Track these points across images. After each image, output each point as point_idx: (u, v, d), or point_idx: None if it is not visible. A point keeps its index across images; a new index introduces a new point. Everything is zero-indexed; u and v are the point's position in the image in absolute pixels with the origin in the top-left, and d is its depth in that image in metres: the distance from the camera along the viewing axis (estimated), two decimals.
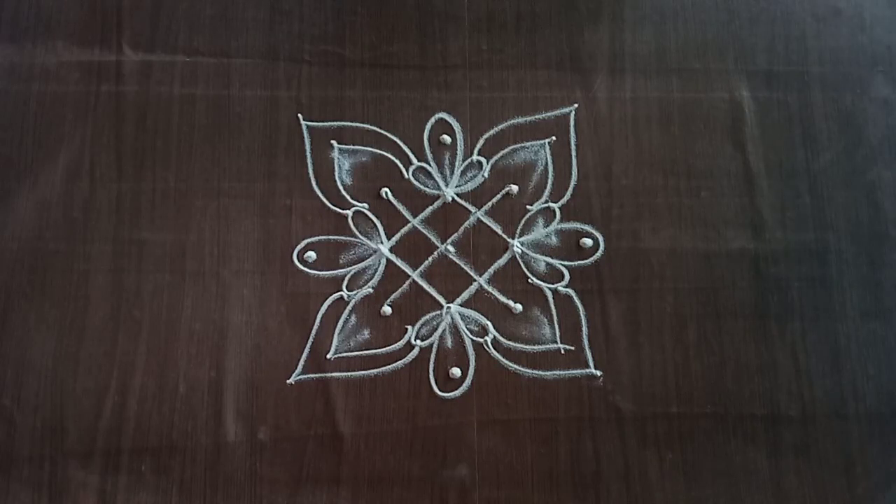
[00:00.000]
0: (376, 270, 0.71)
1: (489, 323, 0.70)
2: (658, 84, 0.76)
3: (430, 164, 0.74)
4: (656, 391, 0.68)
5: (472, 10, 0.77)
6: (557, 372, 0.69)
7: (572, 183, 0.73)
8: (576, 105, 0.75)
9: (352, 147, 0.74)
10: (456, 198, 0.73)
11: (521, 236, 0.72)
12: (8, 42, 0.75)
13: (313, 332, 0.69)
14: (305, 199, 0.72)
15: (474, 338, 0.69)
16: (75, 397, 0.67)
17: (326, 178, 0.73)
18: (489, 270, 0.71)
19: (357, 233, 0.72)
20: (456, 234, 0.72)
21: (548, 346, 0.69)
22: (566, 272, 0.71)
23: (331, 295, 0.70)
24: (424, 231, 0.72)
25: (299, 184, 0.72)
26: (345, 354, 0.69)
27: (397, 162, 0.73)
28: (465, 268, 0.71)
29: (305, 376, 0.68)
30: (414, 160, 0.74)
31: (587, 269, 0.71)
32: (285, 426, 0.67)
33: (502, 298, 0.71)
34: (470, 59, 0.76)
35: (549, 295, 0.71)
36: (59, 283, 0.69)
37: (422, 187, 0.73)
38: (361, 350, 0.69)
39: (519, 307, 0.70)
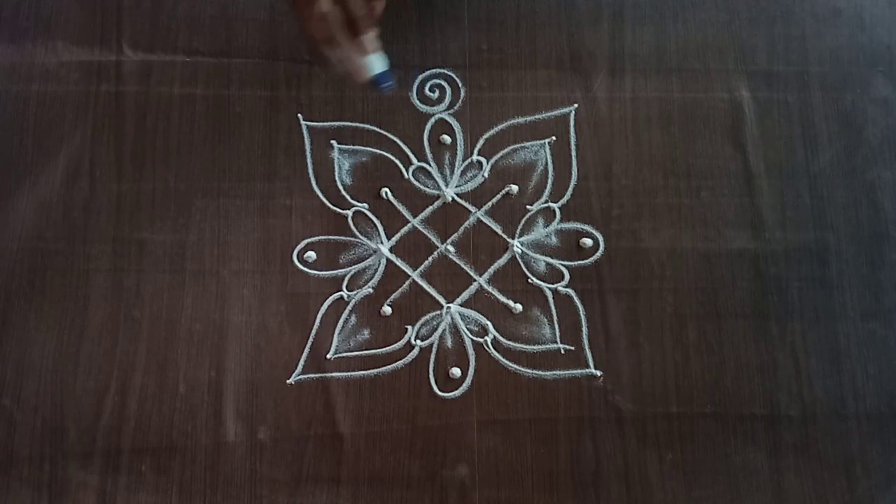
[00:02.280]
0: (376, 270, 0.71)
1: (489, 323, 0.70)
2: (658, 84, 0.76)
3: (430, 164, 0.74)
4: (656, 391, 0.68)
5: (472, 10, 0.77)
6: (557, 372, 0.69)
7: (572, 183, 0.73)
8: (576, 105, 0.75)
9: (352, 147, 0.74)
10: (456, 198, 0.73)
11: (521, 236, 0.72)
12: (8, 42, 0.75)
13: (313, 332, 0.69)
14: (305, 199, 0.72)
15: (474, 338, 0.69)
16: (75, 397, 0.67)
17: (326, 178, 0.73)
18: (489, 270, 0.71)
19: (357, 233, 0.72)
20: (456, 234, 0.72)
21: (548, 346, 0.69)
22: (566, 272, 0.71)
23: (331, 295, 0.70)
24: (424, 231, 0.72)
25: (299, 184, 0.72)
26: (345, 354, 0.69)
27: (397, 162, 0.73)
28: (465, 268, 0.71)
29: (305, 376, 0.68)
30: (414, 160, 0.74)
31: (587, 269, 0.71)
32: (285, 426, 0.67)
33: (502, 298, 0.71)
34: (470, 59, 0.76)
35: (549, 295, 0.71)
36: (59, 283, 0.69)
37: (422, 187, 0.73)
38: (361, 350, 0.69)
39: (519, 307, 0.70)
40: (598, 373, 0.69)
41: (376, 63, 0.61)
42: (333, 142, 0.73)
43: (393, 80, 0.62)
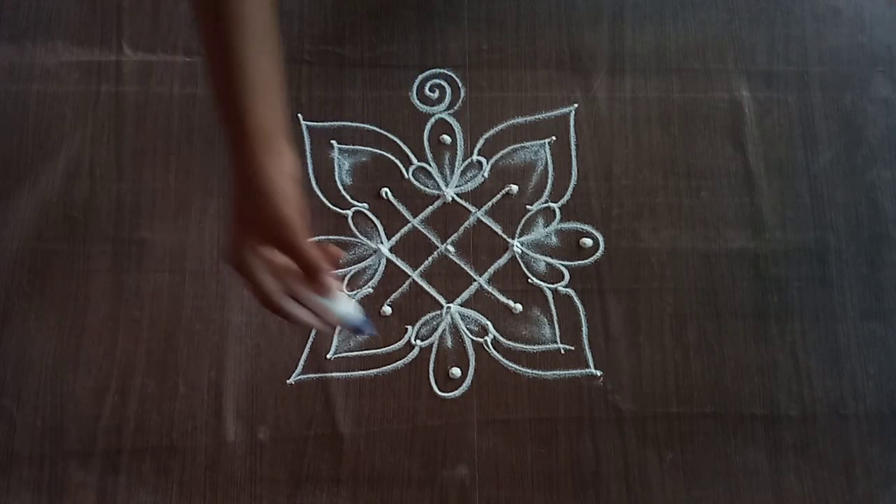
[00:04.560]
0: (376, 270, 0.71)
1: (489, 323, 0.70)
2: (658, 84, 0.76)
3: (430, 164, 0.74)
4: (656, 391, 0.68)
5: (472, 10, 0.77)
6: (557, 372, 0.69)
7: (572, 183, 0.73)
8: (576, 105, 0.75)
9: (352, 147, 0.74)
10: (456, 198, 0.73)
11: (521, 236, 0.72)
12: (8, 42, 0.75)
13: (313, 332, 0.69)
14: (305, 199, 0.72)
15: (474, 338, 0.69)
16: (75, 397, 0.67)
17: (326, 178, 0.73)
18: (489, 270, 0.71)
19: (357, 233, 0.72)
20: (456, 234, 0.72)
21: (548, 346, 0.69)
22: (566, 272, 0.71)
23: None
24: (424, 231, 0.72)
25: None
26: (345, 354, 0.69)
27: (397, 162, 0.73)
28: (465, 268, 0.71)
29: (305, 376, 0.68)
30: (414, 160, 0.74)
31: (587, 269, 0.71)
32: (285, 426, 0.67)
33: (502, 298, 0.71)
34: (470, 59, 0.76)
35: (549, 295, 0.71)
36: (59, 283, 0.69)
37: (422, 187, 0.73)
38: (361, 350, 0.69)
39: (519, 307, 0.70)
40: (598, 373, 0.69)
41: (345, 305, 0.52)
42: (333, 142, 0.73)
43: (368, 322, 0.54)
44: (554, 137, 0.74)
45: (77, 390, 0.67)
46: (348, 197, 0.72)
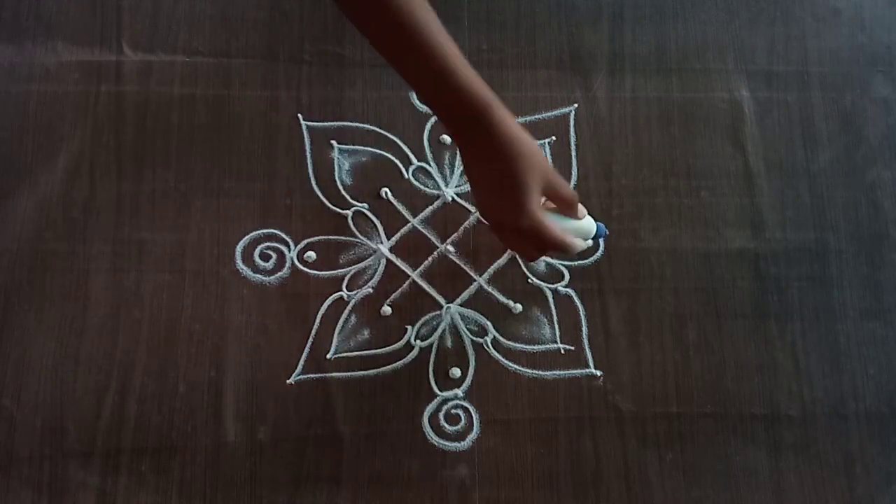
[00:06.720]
0: (376, 270, 0.71)
1: (489, 323, 0.70)
2: (658, 84, 0.76)
3: (429, 164, 0.74)
4: (656, 391, 0.68)
5: (471, 10, 0.77)
6: (557, 372, 0.69)
7: (572, 183, 0.73)
8: (576, 105, 0.75)
9: (352, 147, 0.74)
10: (456, 198, 0.73)
11: None
12: (8, 42, 0.75)
13: (313, 332, 0.69)
14: (305, 199, 0.72)
15: (474, 338, 0.69)
16: (75, 397, 0.67)
17: (326, 178, 0.73)
18: (489, 270, 0.71)
19: (357, 233, 0.72)
20: (456, 234, 0.72)
21: (548, 346, 0.69)
22: (566, 272, 0.71)
23: (331, 295, 0.70)
24: (424, 231, 0.72)
25: (299, 184, 0.72)
26: (345, 354, 0.69)
27: (397, 162, 0.73)
28: (465, 268, 0.71)
29: (305, 376, 0.68)
30: (414, 160, 0.74)
31: (587, 269, 0.71)
32: (285, 426, 0.67)
33: (502, 298, 0.71)
34: (470, 59, 0.76)
35: (549, 295, 0.71)
36: (59, 283, 0.69)
37: (422, 187, 0.73)
38: (361, 350, 0.69)
39: (519, 307, 0.70)
40: (598, 373, 0.69)
41: (592, 222, 0.60)
42: (333, 142, 0.73)
43: (603, 225, 0.62)
44: (554, 137, 0.74)
45: (77, 390, 0.67)
46: (348, 197, 0.72)
